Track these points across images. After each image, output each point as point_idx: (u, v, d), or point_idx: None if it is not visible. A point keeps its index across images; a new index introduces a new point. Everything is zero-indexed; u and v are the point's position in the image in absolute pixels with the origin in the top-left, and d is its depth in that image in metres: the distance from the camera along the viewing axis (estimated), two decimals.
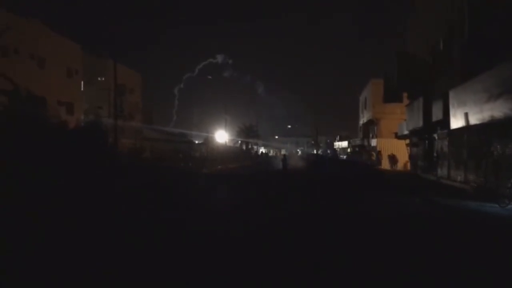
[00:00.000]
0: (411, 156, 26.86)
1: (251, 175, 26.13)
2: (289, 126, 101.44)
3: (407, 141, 27.73)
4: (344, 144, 67.82)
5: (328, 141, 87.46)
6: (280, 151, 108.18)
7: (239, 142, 64.28)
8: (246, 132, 65.38)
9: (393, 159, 32.73)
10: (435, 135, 20.52)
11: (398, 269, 5.82)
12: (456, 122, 15.41)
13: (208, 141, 52.47)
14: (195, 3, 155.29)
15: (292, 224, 9.26)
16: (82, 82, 35.15)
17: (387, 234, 8.39)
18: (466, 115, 14.23)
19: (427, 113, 19.23)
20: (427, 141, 22.48)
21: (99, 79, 38.63)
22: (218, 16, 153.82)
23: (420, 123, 20.40)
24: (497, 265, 6.17)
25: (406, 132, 25.57)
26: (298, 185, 20.30)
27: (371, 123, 42.51)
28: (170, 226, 8.78)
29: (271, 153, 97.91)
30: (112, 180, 17.04)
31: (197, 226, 8.84)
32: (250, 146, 67.34)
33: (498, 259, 6.56)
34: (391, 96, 26.58)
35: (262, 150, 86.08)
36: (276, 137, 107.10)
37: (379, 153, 36.13)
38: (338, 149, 65.39)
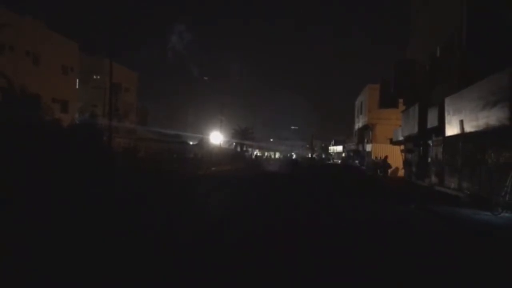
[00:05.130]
0: (405, 162, 26.90)
1: (248, 179, 26.04)
2: (293, 127, 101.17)
3: (402, 147, 27.79)
4: (339, 148, 67.98)
5: (323, 145, 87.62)
6: (275, 154, 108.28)
7: (234, 144, 64.18)
8: (242, 134, 65.29)
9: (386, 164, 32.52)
10: (430, 142, 20.57)
11: (394, 275, 5.81)
12: (451, 129, 15.44)
13: (202, 143, 52.29)
14: (196, 5, 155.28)
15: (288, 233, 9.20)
16: (77, 80, 34.93)
17: (382, 240, 8.37)
18: (461, 122, 14.26)
19: (422, 120, 19.25)
20: (421, 148, 22.53)
21: (94, 77, 38.43)
22: (218, 16, 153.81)
23: (415, 130, 20.43)
24: (488, 272, 6.17)
25: (401, 138, 25.62)
26: (295, 189, 20.28)
27: (366, 128, 42.60)
28: (162, 231, 8.69)
29: (266, 155, 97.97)
30: (106, 180, 16.91)
31: (190, 234, 8.76)
32: (245, 149, 67.26)
33: (488, 265, 6.57)
34: (387, 101, 26.62)
35: (257, 152, 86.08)
36: (271, 140, 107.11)
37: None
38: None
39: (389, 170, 30.86)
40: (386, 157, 30.79)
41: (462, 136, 14.61)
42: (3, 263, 5.74)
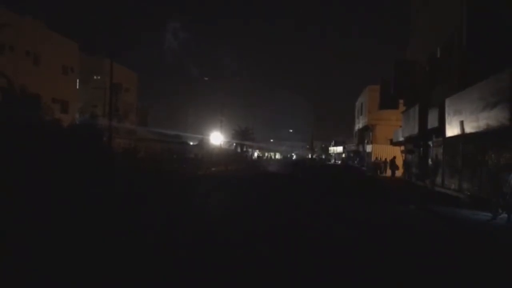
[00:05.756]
0: (405, 163, 26.91)
1: (248, 179, 26.04)
2: (291, 130, 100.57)
3: (402, 147, 27.79)
4: (339, 149, 68.03)
5: (323, 145, 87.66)
6: (275, 155, 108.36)
7: (234, 144, 64.15)
8: (242, 135, 65.28)
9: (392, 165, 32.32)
10: (430, 143, 20.57)
11: (394, 275, 5.80)
12: (452, 130, 15.43)
13: (202, 143, 52.25)
14: (196, 5, 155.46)
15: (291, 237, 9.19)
16: (77, 81, 34.92)
17: (382, 240, 8.36)
18: (461, 123, 14.25)
19: (422, 121, 19.25)
20: (422, 149, 22.52)
21: (95, 77, 38.41)
22: (218, 16, 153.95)
23: (415, 130, 20.43)
24: (489, 272, 6.17)
25: (401, 139, 25.62)
26: (296, 190, 20.27)
27: (366, 129, 42.63)
28: (164, 230, 8.69)
29: (266, 156, 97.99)
30: (107, 180, 16.88)
31: (192, 232, 8.75)
32: (245, 149, 67.25)
33: (488, 266, 6.56)
34: (387, 102, 26.64)
35: (257, 153, 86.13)
36: (271, 140, 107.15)
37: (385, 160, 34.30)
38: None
39: (397, 171, 30.78)
40: (394, 157, 30.70)
41: (463, 137, 14.60)
42: (3, 263, 5.73)
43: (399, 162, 30.06)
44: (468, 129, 13.84)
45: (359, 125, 47.82)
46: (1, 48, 25.38)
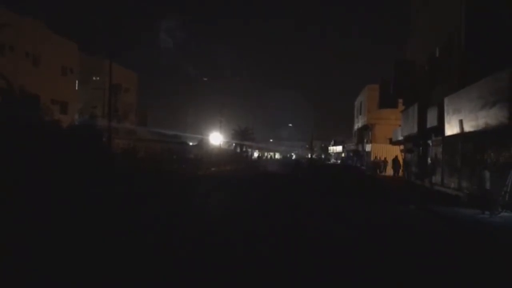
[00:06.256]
0: (405, 162, 26.92)
1: (248, 179, 26.05)
2: (290, 125, 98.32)
3: (401, 147, 27.81)
4: (339, 148, 68.08)
5: (323, 145, 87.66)
6: (275, 155, 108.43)
7: (234, 144, 64.14)
8: (241, 135, 65.25)
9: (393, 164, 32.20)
10: (430, 142, 20.58)
11: (394, 275, 5.81)
12: (451, 129, 15.44)
13: (202, 143, 52.22)
14: (196, 5, 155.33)
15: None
16: (77, 81, 34.87)
17: (382, 240, 8.37)
18: (460, 122, 14.26)
19: (422, 120, 19.26)
20: (421, 148, 22.53)
21: (94, 78, 38.38)
22: (218, 16, 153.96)
23: (414, 130, 20.44)
24: (488, 272, 6.18)
25: (400, 138, 25.64)
26: (295, 190, 20.28)
27: (365, 128, 42.64)
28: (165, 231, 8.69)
29: (266, 156, 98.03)
30: (106, 180, 16.89)
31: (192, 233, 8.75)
32: (244, 149, 67.25)
33: (488, 265, 6.57)
34: (386, 101, 26.65)
35: (257, 153, 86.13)
36: (271, 140, 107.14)
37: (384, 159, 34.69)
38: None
39: (399, 170, 30.69)
40: (396, 157, 30.69)
41: (462, 135, 14.60)
42: (3, 263, 5.74)
43: (400, 161, 30.04)
44: (467, 128, 13.84)
45: (358, 124, 47.81)
46: (1, 48, 25.37)
